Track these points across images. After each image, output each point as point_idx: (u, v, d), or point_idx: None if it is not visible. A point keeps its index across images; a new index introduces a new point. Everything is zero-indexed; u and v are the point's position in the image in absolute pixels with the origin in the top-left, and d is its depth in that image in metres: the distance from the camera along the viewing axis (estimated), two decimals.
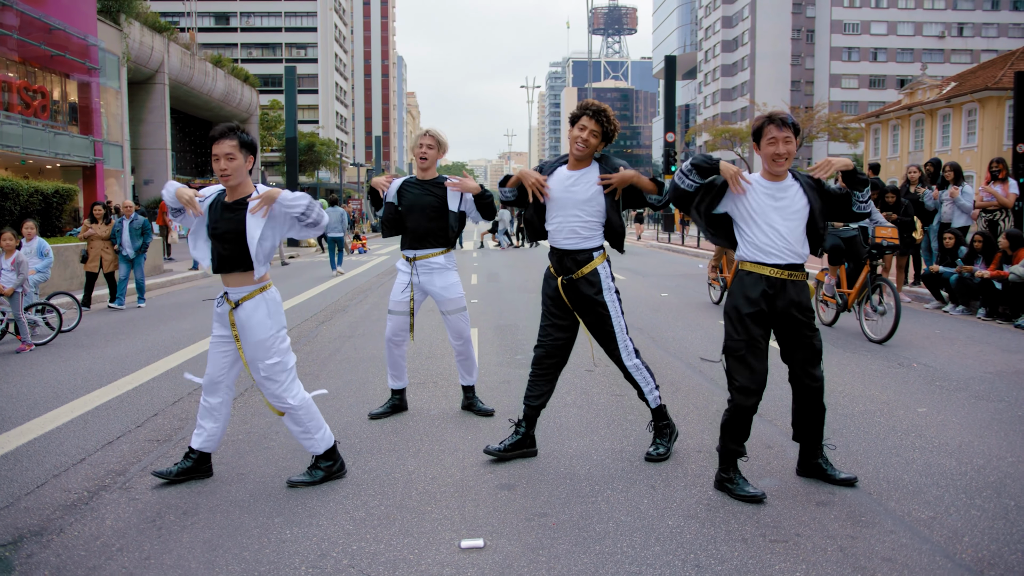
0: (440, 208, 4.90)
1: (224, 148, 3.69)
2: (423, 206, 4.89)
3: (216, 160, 3.72)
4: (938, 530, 3.23)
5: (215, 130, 3.74)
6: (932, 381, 5.95)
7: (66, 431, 4.98)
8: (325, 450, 3.93)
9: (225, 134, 3.72)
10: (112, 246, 11.46)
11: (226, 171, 3.71)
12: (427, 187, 4.94)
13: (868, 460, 4.13)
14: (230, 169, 3.71)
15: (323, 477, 3.92)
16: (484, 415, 5.16)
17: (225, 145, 3.69)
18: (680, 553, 3.07)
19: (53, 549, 3.21)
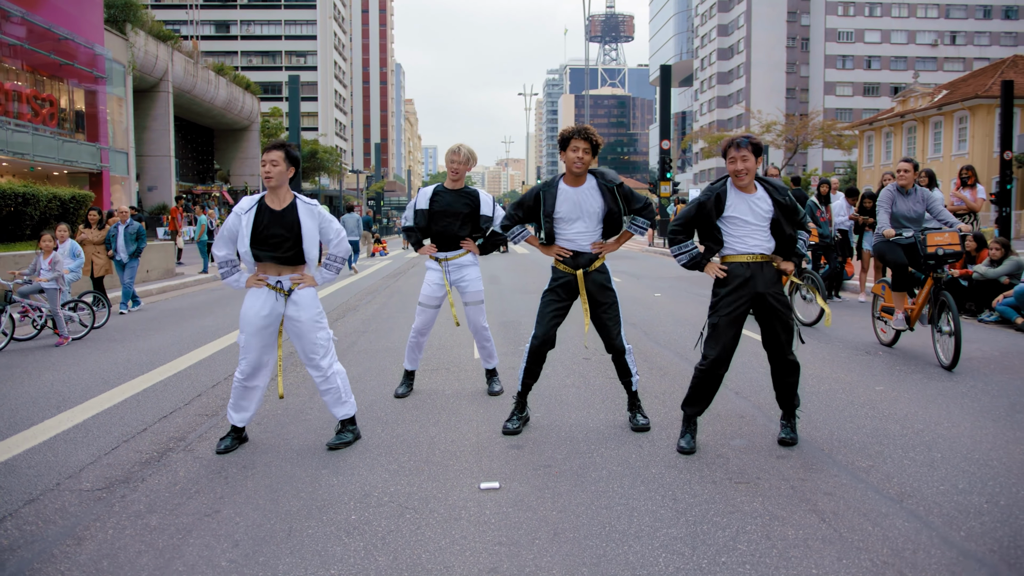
0: (471, 215, 5.50)
1: (272, 156, 4.43)
2: (455, 212, 5.46)
3: (263, 165, 4.45)
4: (874, 475, 3.91)
5: (274, 142, 4.52)
6: (893, 366, 6.64)
7: (123, 408, 5.64)
8: (352, 415, 4.68)
9: (275, 147, 4.49)
10: (106, 251, 11.77)
11: (269, 173, 4.41)
12: (459, 195, 5.51)
13: (824, 425, 4.81)
14: (273, 172, 4.41)
15: (352, 439, 4.65)
16: (493, 395, 5.82)
17: (273, 154, 4.44)
18: (660, 491, 3.74)
19: (142, 491, 3.88)
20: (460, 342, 8.25)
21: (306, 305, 4.50)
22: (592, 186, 4.73)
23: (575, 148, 4.61)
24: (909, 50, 79.79)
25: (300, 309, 4.49)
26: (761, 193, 4.39)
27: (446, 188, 5.53)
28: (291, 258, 4.47)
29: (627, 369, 4.84)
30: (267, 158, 4.44)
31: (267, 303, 4.50)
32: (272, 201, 4.50)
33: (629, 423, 4.90)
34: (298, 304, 4.49)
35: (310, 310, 4.50)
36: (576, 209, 4.69)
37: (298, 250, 4.46)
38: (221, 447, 4.55)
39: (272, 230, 4.41)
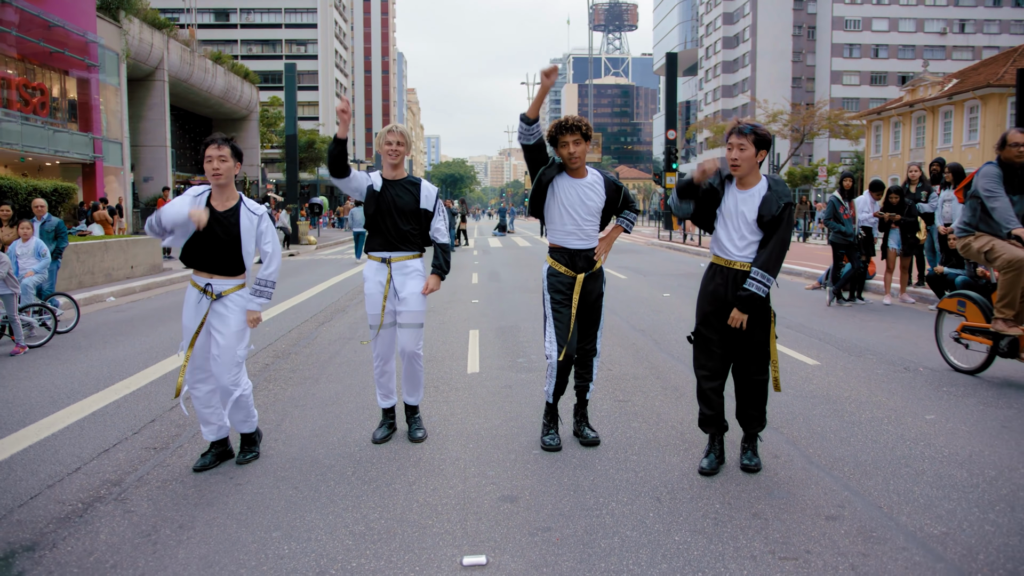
0: (416, 210, 4.67)
1: (218, 151, 4.13)
2: (400, 207, 4.61)
3: (209, 161, 4.13)
4: (952, 547, 3.16)
5: (215, 137, 4.19)
6: (939, 387, 5.87)
7: (62, 438, 4.91)
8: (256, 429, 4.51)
9: (218, 142, 4.17)
10: None
11: (218, 171, 4.11)
12: (402, 186, 4.66)
13: (877, 471, 4.06)
14: (222, 169, 4.12)
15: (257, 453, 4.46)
16: (415, 441, 4.70)
17: (223, 149, 4.15)
18: (688, 571, 2.99)
19: (45, 566, 3.14)
20: (452, 352, 7.50)
21: (233, 319, 4.20)
22: (593, 181, 4.44)
23: (565, 144, 4.32)
24: (917, 38, 78.62)
25: (226, 321, 4.19)
26: (759, 190, 3.97)
27: (385, 179, 4.67)
28: (222, 265, 4.21)
29: (589, 372, 4.62)
30: (214, 153, 4.14)
31: (198, 309, 4.22)
32: (217, 200, 4.22)
33: (575, 435, 4.65)
34: (225, 314, 4.19)
35: (235, 324, 4.21)
36: (578, 202, 4.38)
37: (231, 259, 4.21)
38: (197, 464, 4.27)
39: (211, 229, 4.12)
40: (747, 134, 3.88)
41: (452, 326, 9.08)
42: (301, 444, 4.68)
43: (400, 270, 4.64)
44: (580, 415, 4.69)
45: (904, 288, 10.77)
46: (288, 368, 6.93)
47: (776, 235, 3.90)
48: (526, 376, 6.45)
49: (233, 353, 4.17)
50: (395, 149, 4.57)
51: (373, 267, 4.66)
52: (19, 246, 9.08)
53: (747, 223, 3.97)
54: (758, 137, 3.89)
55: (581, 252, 4.41)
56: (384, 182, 4.63)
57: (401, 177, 4.68)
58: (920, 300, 10.64)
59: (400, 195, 4.60)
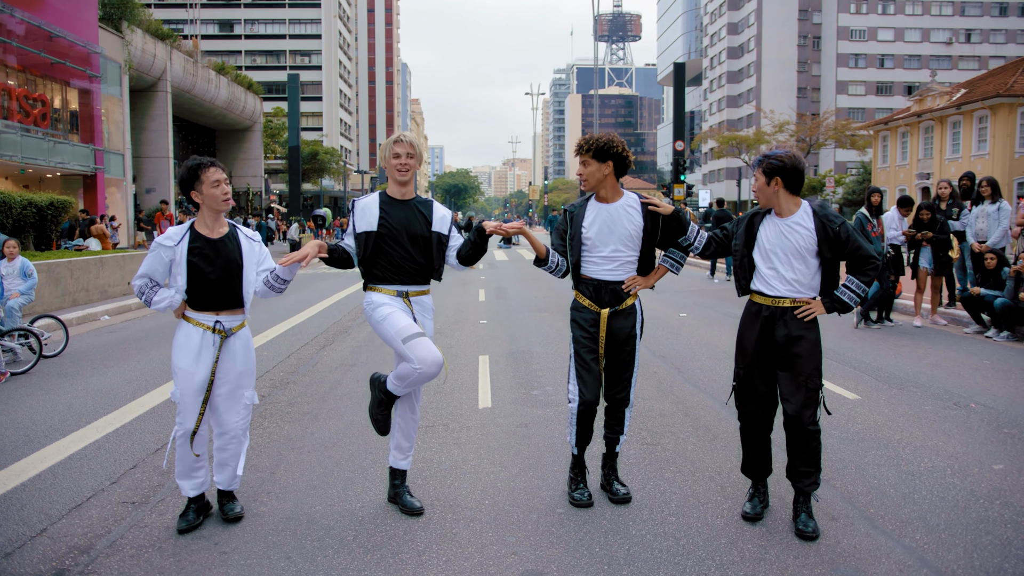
0: (428, 235, 3.93)
1: (221, 174, 3.82)
2: (414, 234, 3.88)
3: (216, 185, 3.79)
4: None
5: (205, 159, 3.83)
6: (999, 427, 5.35)
7: (31, 489, 4.42)
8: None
9: (215, 163, 3.85)
10: None
11: (227, 194, 3.83)
12: (412, 208, 3.94)
13: (955, 540, 3.54)
14: (230, 194, 3.87)
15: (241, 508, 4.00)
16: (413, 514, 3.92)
17: (220, 172, 3.83)
18: None
19: None
20: (462, 383, 7.00)
21: (241, 357, 3.90)
22: (629, 203, 3.94)
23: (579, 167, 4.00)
24: (923, 48, 78.32)
25: (235, 360, 3.87)
26: (801, 216, 3.71)
27: (392, 198, 3.93)
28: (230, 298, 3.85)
29: (621, 423, 4.08)
30: (219, 177, 3.81)
31: (202, 350, 3.80)
32: (209, 228, 3.85)
33: (603, 489, 4.13)
34: (233, 355, 3.87)
35: (245, 363, 3.91)
36: (606, 229, 3.91)
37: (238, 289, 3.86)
38: (182, 525, 3.79)
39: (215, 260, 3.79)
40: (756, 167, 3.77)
41: (460, 351, 8.58)
42: (296, 499, 4.19)
43: (420, 306, 3.93)
44: (609, 467, 4.17)
45: (935, 309, 10.24)
46: (285, 401, 6.43)
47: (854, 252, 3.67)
48: (543, 412, 5.95)
49: (243, 394, 3.90)
50: (404, 163, 3.86)
51: (386, 296, 3.88)
52: (3, 266, 8.61)
53: (796, 253, 3.67)
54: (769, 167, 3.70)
55: (608, 285, 3.93)
56: (388, 204, 3.91)
57: (411, 197, 3.96)
58: (952, 322, 10.12)
59: (413, 218, 3.88)
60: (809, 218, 3.68)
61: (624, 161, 3.88)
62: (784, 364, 3.71)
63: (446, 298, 14.17)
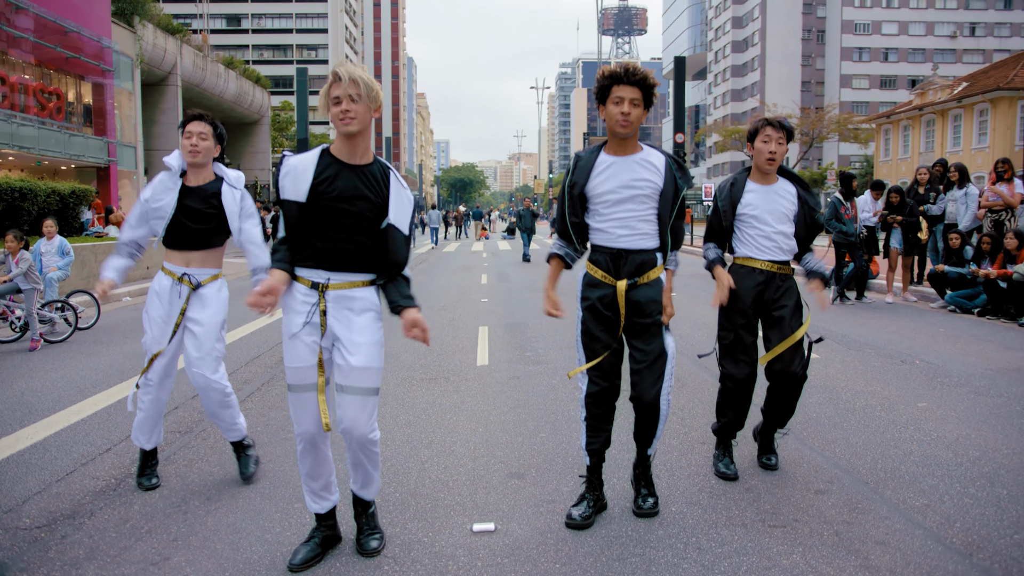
0: (379, 210, 2.93)
1: (198, 128, 3.81)
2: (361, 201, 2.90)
3: (188, 137, 3.80)
4: (931, 516, 3.37)
5: (190, 112, 3.88)
6: (933, 377, 6.06)
7: (90, 423, 5.16)
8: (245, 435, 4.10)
9: (201, 117, 3.86)
10: None
11: (196, 147, 3.79)
12: (362, 173, 2.93)
13: (867, 452, 4.26)
14: (201, 147, 3.81)
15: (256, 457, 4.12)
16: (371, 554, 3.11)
17: (200, 125, 3.83)
18: (682, 536, 3.21)
19: (86, 531, 3.38)
20: (462, 346, 7.73)
21: (213, 309, 3.89)
22: (648, 158, 3.28)
23: (618, 100, 3.17)
24: (927, 42, 78.48)
25: (204, 309, 3.87)
26: (783, 184, 3.91)
27: (337, 159, 2.92)
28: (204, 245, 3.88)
29: (653, 427, 3.43)
30: (194, 129, 3.80)
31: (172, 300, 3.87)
32: (193, 179, 3.89)
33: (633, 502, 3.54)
34: (203, 303, 3.87)
35: (215, 314, 3.89)
36: (622, 186, 3.25)
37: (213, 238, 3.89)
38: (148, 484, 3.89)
39: (188, 203, 3.81)
40: (787, 127, 3.80)
41: (461, 323, 9.31)
42: None
43: (337, 303, 2.96)
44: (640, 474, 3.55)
45: (906, 287, 10.93)
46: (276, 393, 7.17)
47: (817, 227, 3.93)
48: (534, 368, 6.67)
49: (212, 347, 3.85)
50: (346, 110, 2.83)
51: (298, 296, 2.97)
52: (43, 244, 9.38)
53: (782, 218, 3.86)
54: (789, 132, 3.82)
55: (628, 254, 3.29)
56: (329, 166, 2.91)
57: (365, 160, 2.95)
58: (922, 298, 10.81)
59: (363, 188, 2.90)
60: (790, 185, 3.90)
61: None
62: (772, 323, 3.85)
63: (449, 281, 14.91)
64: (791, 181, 3.92)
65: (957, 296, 9.60)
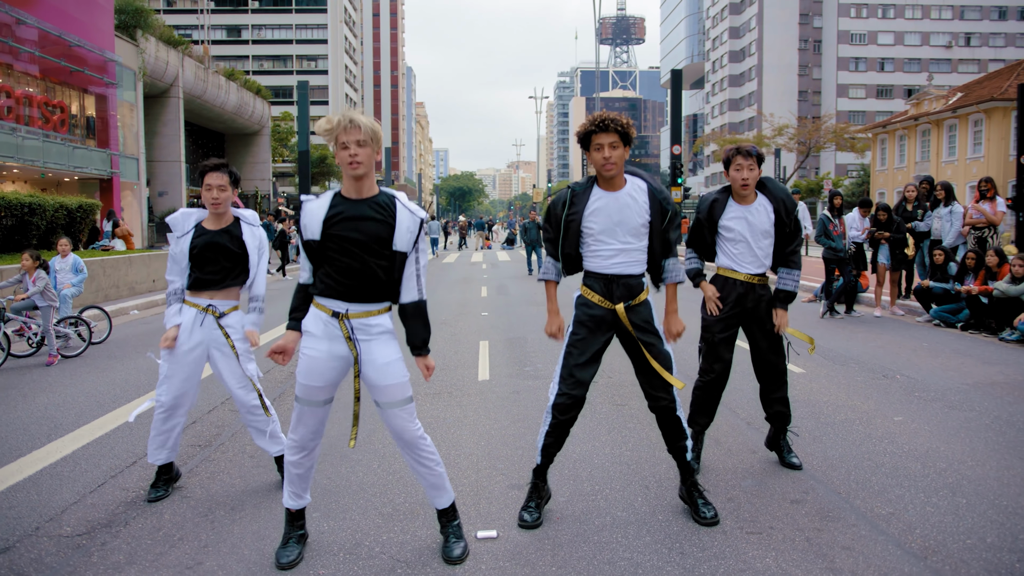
0: (388, 229, 3.21)
1: (218, 180, 4.11)
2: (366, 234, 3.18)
3: (209, 190, 4.12)
4: (895, 524, 3.69)
5: (209, 162, 4.16)
6: (912, 392, 6.39)
7: (115, 437, 5.47)
8: None
9: (219, 167, 4.14)
10: None
11: (217, 199, 4.11)
12: (368, 205, 3.22)
13: (842, 464, 4.59)
14: (221, 198, 4.12)
15: None
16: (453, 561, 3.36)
17: (217, 177, 4.12)
18: (667, 543, 3.53)
19: (123, 538, 3.70)
20: (464, 361, 8.06)
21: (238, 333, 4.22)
22: (636, 189, 3.62)
23: (599, 146, 3.53)
24: (923, 52, 79.11)
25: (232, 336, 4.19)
26: (761, 201, 4.33)
27: (346, 198, 3.25)
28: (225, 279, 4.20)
29: (679, 429, 3.74)
30: (213, 182, 4.11)
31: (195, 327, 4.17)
32: (207, 222, 4.24)
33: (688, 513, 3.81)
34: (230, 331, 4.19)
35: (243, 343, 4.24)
36: (612, 220, 3.59)
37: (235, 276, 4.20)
38: (152, 496, 4.20)
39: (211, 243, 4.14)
40: (754, 155, 4.22)
41: (463, 337, 9.63)
42: (329, 443, 5.22)
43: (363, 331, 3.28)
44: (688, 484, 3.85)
45: (894, 301, 11.27)
46: None
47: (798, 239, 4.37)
48: (533, 383, 6.99)
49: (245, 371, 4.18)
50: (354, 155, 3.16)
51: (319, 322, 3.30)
52: (58, 262, 9.71)
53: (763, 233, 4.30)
54: (759, 157, 4.25)
55: (620, 279, 3.63)
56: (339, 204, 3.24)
57: (370, 194, 3.25)
58: (909, 312, 11.14)
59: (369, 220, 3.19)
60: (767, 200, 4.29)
61: None
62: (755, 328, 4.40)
63: (449, 294, 15.24)
64: (768, 195, 4.32)
65: (941, 311, 9.94)
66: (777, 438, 4.66)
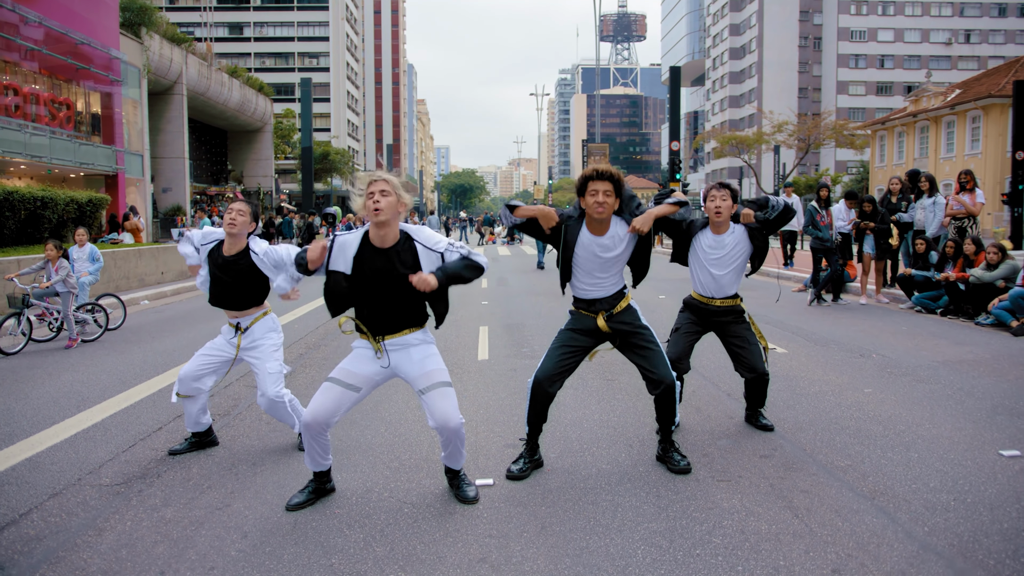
0: None
1: (240, 206, 4.58)
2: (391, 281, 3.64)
3: (229, 212, 4.53)
4: (851, 473, 4.11)
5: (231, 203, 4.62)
6: (884, 368, 6.80)
7: (140, 408, 5.90)
8: None
9: (238, 200, 4.66)
10: None
11: (234, 222, 4.49)
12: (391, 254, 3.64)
13: (811, 427, 5.01)
14: (238, 222, 4.51)
15: None
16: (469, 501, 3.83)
17: (241, 205, 4.60)
18: (645, 487, 3.95)
19: (158, 487, 4.12)
20: (465, 343, 8.47)
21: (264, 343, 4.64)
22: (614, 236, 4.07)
23: (594, 192, 3.95)
24: (923, 49, 79.39)
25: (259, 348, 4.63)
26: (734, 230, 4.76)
27: (372, 243, 3.66)
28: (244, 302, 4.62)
29: (675, 401, 4.16)
30: (235, 207, 4.56)
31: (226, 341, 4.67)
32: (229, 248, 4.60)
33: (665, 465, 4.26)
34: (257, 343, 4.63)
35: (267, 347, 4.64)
36: (590, 262, 4.10)
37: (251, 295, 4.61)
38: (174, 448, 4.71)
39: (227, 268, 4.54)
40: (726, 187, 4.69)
41: (463, 323, 10.05)
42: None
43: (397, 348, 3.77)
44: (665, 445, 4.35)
45: (879, 289, 11.68)
46: (320, 356, 7.92)
47: None
48: (530, 362, 7.41)
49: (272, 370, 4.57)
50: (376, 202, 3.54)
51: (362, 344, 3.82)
52: (75, 251, 10.14)
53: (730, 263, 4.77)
54: (732, 192, 4.70)
55: (599, 301, 4.18)
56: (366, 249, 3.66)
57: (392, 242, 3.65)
58: (893, 300, 11.55)
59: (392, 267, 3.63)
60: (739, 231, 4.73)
61: None
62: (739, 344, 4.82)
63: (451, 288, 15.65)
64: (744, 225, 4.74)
65: (923, 297, 10.35)
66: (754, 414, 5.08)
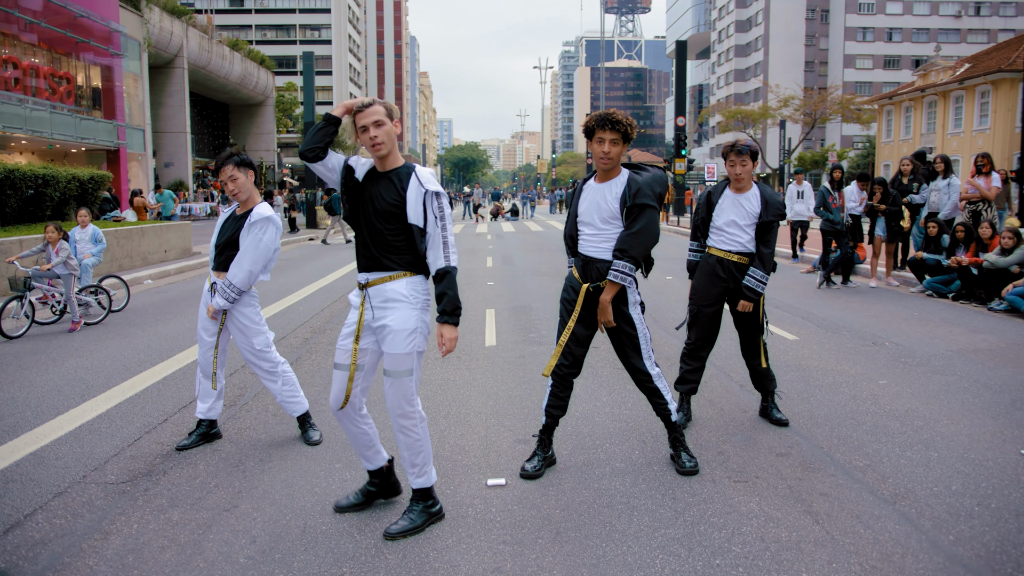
0: (399, 207, 3.39)
1: (226, 173, 4.44)
2: (379, 209, 3.40)
3: (225, 185, 4.48)
4: (870, 474, 4.03)
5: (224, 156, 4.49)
6: (898, 357, 6.71)
7: (145, 397, 5.82)
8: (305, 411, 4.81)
9: (224, 161, 4.46)
10: None
11: (236, 191, 4.47)
12: (386, 180, 3.44)
13: (826, 421, 4.92)
14: (236, 188, 4.46)
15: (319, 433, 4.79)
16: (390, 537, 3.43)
17: (226, 172, 4.44)
18: (661, 490, 3.87)
19: (164, 485, 4.05)
20: (472, 328, 8.38)
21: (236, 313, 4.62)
22: (620, 181, 3.89)
23: (600, 140, 3.83)
24: (932, 22, 78.31)
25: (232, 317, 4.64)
26: (754, 192, 4.76)
27: (375, 169, 3.51)
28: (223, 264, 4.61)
29: (658, 392, 4.06)
30: (223, 176, 4.44)
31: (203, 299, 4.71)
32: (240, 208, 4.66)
33: (672, 463, 4.18)
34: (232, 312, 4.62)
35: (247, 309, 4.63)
36: (592, 208, 3.93)
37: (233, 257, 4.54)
38: (181, 443, 4.63)
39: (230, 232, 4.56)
40: (745, 153, 4.65)
41: (470, 306, 9.95)
42: None
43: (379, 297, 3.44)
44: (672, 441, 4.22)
45: (889, 272, 11.55)
46: (326, 341, 7.84)
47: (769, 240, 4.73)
48: (537, 348, 7.32)
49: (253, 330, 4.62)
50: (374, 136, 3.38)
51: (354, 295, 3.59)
52: (78, 232, 10.03)
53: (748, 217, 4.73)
54: (753, 153, 4.67)
55: (593, 261, 3.95)
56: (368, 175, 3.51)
57: (392, 167, 3.48)
58: (904, 283, 11.43)
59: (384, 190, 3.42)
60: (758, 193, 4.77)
61: None
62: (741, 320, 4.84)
63: None
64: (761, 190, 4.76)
65: (934, 281, 10.23)
66: (767, 404, 4.99)
